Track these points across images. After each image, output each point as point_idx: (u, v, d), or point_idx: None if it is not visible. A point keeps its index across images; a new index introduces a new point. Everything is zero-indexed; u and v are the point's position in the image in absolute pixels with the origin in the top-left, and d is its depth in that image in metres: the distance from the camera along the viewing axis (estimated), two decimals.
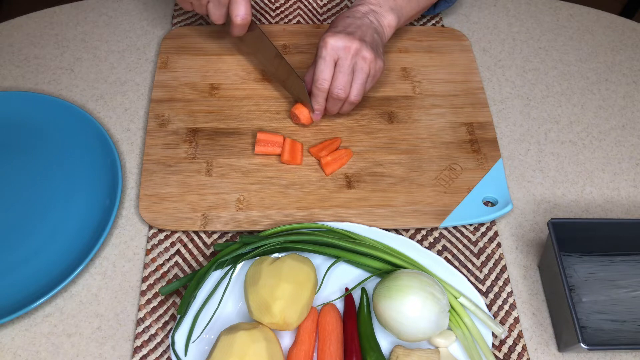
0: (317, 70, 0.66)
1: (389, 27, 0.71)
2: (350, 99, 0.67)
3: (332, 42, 0.65)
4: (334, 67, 0.66)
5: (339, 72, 0.66)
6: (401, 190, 0.68)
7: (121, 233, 0.66)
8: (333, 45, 0.65)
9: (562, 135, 0.76)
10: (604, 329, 0.60)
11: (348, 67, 0.65)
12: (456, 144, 0.72)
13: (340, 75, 0.66)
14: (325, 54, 0.65)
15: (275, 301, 0.54)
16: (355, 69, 0.66)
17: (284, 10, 0.85)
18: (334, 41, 0.65)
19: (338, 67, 0.66)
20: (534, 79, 0.81)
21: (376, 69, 0.67)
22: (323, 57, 0.65)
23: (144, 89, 0.77)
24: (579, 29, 0.87)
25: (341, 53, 0.65)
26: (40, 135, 0.71)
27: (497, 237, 0.67)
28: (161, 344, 0.59)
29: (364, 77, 0.66)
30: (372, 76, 0.68)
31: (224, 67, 0.78)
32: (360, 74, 0.66)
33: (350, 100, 0.68)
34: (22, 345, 0.59)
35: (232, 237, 0.65)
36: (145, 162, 0.69)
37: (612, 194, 0.72)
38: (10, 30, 0.81)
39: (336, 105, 0.69)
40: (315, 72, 0.66)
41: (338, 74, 0.66)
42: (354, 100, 0.68)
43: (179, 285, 0.60)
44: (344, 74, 0.66)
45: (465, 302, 0.58)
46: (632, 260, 0.65)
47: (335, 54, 0.65)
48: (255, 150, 0.69)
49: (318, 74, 0.66)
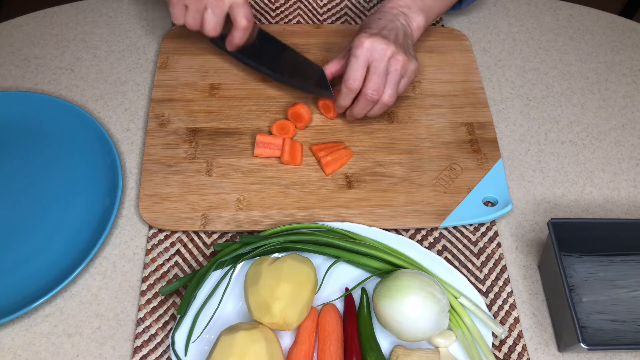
0: (350, 69, 0.65)
1: (417, 29, 0.71)
2: (384, 100, 0.66)
3: (368, 43, 0.64)
4: (367, 68, 0.65)
5: (373, 73, 0.65)
6: (401, 190, 0.68)
7: (121, 233, 0.66)
8: (369, 47, 0.64)
9: (562, 135, 0.76)
10: (604, 329, 0.60)
11: (383, 70, 0.65)
12: (456, 144, 0.72)
13: (374, 77, 0.65)
14: (360, 54, 0.64)
15: (275, 301, 0.54)
16: (389, 71, 0.65)
17: (284, 10, 0.85)
18: (371, 43, 0.64)
19: (372, 69, 0.65)
20: (534, 79, 0.81)
21: (411, 70, 0.67)
22: (357, 57, 0.64)
23: (144, 89, 0.77)
24: (579, 29, 0.87)
25: (376, 55, 0.64)
26: (40, 135, 0.71)
27: (497, 237, 0.67)
28: (161, 344, 0.59)
29: (397, 79, 0.66)
30: (408, 77, 0.67)
31: (224, 67, 0.78)
32: (394, 75, 0.65)
33: (383, 101, 0.66)
34: (22, 345, 0.59)
35: (232, 237, 0.66)
36: (145, 162, 0.69)
37: (612, 194, 0.72)
38: (10, 30, 0.81)
39: (367, 107, 0.67)
40: (348, 70, 0.65)
41: (372, 76, 0.65)
42: (387, 102, 0.67)
43: (179, 285, 0.60)
44: (378, 75, 0.65)
45: (465, 302, 0.58)
46: (632, 260, 0.65)
47: (370, 56, 0.64)
48: (254, 152, 0.69)
49: (350, 73, 0.65)
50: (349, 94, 0.67)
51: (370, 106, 0.68)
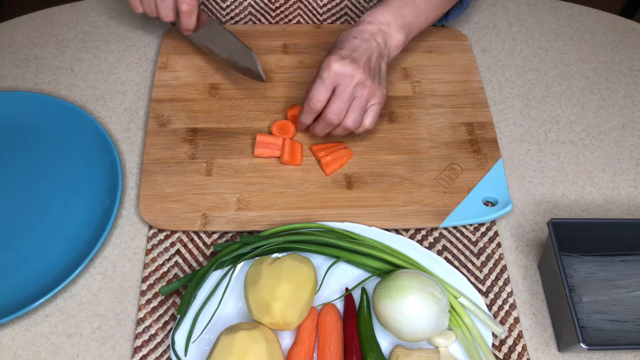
0: (314, 89, 0.64)
1: (396, 48, 0.69)
2: (346, 125, 0.65)
3: (337, 67, 0.62)
4: (332, 91, 0.64)
5: (337, 97, 0.63)
6: (401, 190, 0.68)
7: (121, 233, 0.66)
8: (336, 71, 0.62)
9: (562, 135, 0.76)
10: (604, 329, 0.60)
11: (348, 95, 0.63)
12: (456, 144, 0.72)
13: (338, 100, 0.63)
14: (326, 77, 0.63)
15: (275, 301, 0.54)
16: (354, 96, 0.64)
17: (283, 10, 0.85)
18: (339, 67, 0.62)
19: (337, 92, 0.63)
20: (534, 79, 0.81)
21: (378, 96, 0.65)
22: (323, 80, 0.63)
23: (144, 89, 0.77)
24: (579, 29, 0.87)
25: (342, 80, 0.63)
26: (40, 135, 0.71)
27: (497, 237, 0.67)
28: (161, 344, 0.59)
29: (362, 105, 0.64)
30: (378, 103, 0.66)
31: (224, 67, 0.78)
32: (359, 101, 0.64)
33: (345, 125, 0.65)
34: (22, 345, 0.59)
35: (232, 237, 0.65)
36: (145, 162, 0.69)
37: (612, 194, 0.72)
38: (10, 30, 0.81)
39: (326, 128, 0.66)
40: (311, 90, 0.64)
41: (336, 99, 0.64)
42: (349, 127, 0.65)
43: (179, 285, 0.60)
44: (342, 100, 0.63)
45: (465, 302, 0.58)
46: (632, 260, 0.65)
47: (336, 80, 0.63)
48: (254, 152, 0.69)
49: (313, 93, 0.64)
50: (310, 113, 0.66)
51: (329, 128, 0.66)
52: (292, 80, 0.77)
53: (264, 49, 0.80)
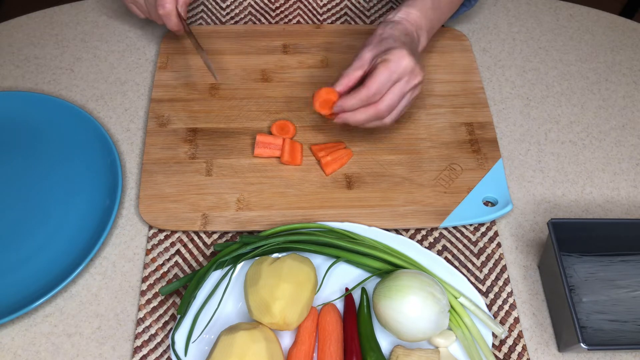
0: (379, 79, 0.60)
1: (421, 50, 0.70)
2: (385, 121, 0.64)
3: (408, 62, 0.61)
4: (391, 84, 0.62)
5: (394, 92, 0.62)
6: (401, 190, 0.68)
7: (121, 233, 0.66)
8: (406, 67, 0.61)
9: (562, 135, 0.76)
10: (604, 329, 0.60)
11: (404, 92, 0.63)
12: (456, 144, 0.72)
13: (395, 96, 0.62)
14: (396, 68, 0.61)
15: (275, 301, 0.54)
16: (405, 95, 0.63)
17: (283, 10, 0.85)
18: (410, 63, 0.61)
19: (395, 88, 0.62)
20: (534, 78, 0.81)
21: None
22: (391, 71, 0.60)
23: (144, 89, 0.77)
24: (579, 29, 0.87)
25: (406, 77, 0.62)
26: (40, 136, 0.71)
27: (497, 237, 0.67)
28: (161, 344, 0.59)
29: (406, 105, 0.64)
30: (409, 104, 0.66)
31: (224, 67, 0.78)
32: (405, 102, 0.64)
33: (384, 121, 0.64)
34: (22, 345, 0.59)
35: (232, 237, 0.65)
36: (145, 162, 0.69)
37: (612, 194, 0.72)
38: (10, 30, 0.81)
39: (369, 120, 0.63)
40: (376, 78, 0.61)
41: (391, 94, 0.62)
42: (387, 123, 0.64)
43: (179, 285, 0.60)
44: (398, 96, 0.62)
45: (465, 302, 0.58)
46: (632, 260, 0.65)
47: (402, 74, 0.61)
48: (254, 152, 0.69)
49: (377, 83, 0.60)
50: (364, 101, 0.62)
51: (374, 120, 0.64)
52: (292, 80, 0.77)
53: (264, 49, 0.80)
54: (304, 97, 0.75)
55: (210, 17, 0.84)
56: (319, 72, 0.78)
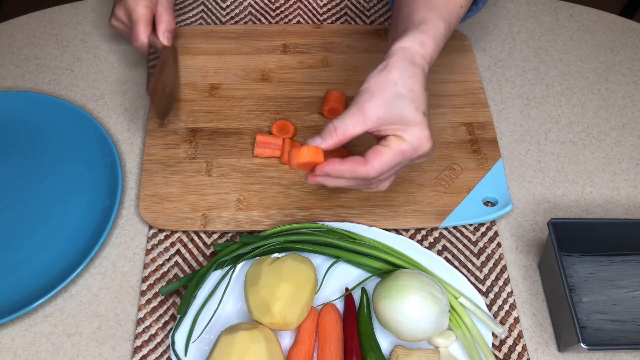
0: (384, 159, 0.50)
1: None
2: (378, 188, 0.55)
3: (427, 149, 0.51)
4: None
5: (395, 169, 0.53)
6: (401, 190, 0.68)
7: (121, 233, 0.66)
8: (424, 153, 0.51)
9: (562, 135, 0.76)
10: (604, 329, 0.60)
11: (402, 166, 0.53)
12: (456, 144, 0.72)
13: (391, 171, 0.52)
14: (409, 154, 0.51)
15: (275, 301, 0.54)
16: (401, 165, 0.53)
17: (284, 10, 0.85)
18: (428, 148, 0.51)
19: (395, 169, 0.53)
20: (534, 78, 0.81)
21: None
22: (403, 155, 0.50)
23: (144, 89, 0.77)
24: (579, 29, 0.87)
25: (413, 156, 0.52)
26: (40, 136, 0.71)
27: (497, 237, 0.67)
28: (161, 344, 0.59)
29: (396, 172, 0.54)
30: None
31: (223, 67, 0.78)
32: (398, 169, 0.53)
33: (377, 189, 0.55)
34: (22, 345, 0.59)
35: (232, 237, 0.65)
36: (145, 162, 0.69)
37: (612, 194, 0.72)
38: (10, 30, 0.81)
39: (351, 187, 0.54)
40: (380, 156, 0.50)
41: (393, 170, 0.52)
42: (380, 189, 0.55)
43: (179, 285, 0.59)
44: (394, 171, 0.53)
45: (465, 302, 0.58)
46: (632, 260, 0.65)
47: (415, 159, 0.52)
48: (254, 152, 0.69)
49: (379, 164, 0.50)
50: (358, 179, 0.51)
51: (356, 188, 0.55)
52: (292, 81, 0.77)
53: (264, 49, 0.80)
54: (304, 97, 0.75)
55: (210, 17, 0.84)
56: (319, 72, 0.78)
